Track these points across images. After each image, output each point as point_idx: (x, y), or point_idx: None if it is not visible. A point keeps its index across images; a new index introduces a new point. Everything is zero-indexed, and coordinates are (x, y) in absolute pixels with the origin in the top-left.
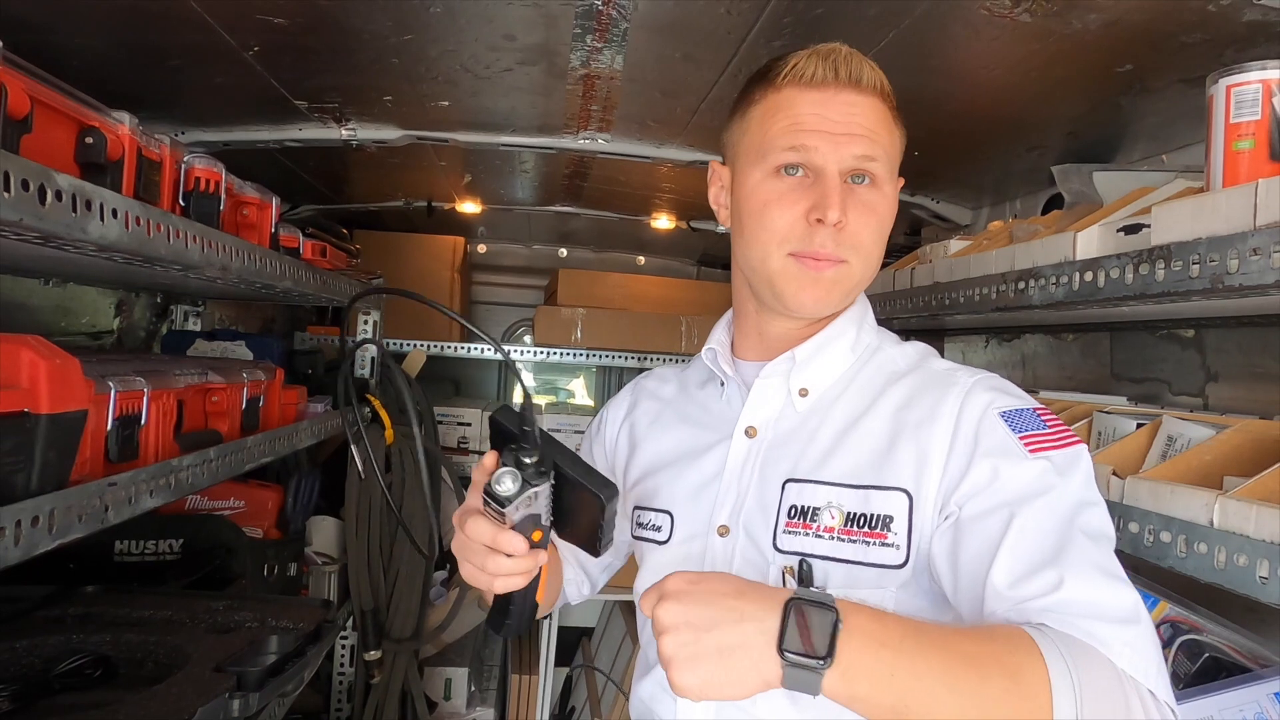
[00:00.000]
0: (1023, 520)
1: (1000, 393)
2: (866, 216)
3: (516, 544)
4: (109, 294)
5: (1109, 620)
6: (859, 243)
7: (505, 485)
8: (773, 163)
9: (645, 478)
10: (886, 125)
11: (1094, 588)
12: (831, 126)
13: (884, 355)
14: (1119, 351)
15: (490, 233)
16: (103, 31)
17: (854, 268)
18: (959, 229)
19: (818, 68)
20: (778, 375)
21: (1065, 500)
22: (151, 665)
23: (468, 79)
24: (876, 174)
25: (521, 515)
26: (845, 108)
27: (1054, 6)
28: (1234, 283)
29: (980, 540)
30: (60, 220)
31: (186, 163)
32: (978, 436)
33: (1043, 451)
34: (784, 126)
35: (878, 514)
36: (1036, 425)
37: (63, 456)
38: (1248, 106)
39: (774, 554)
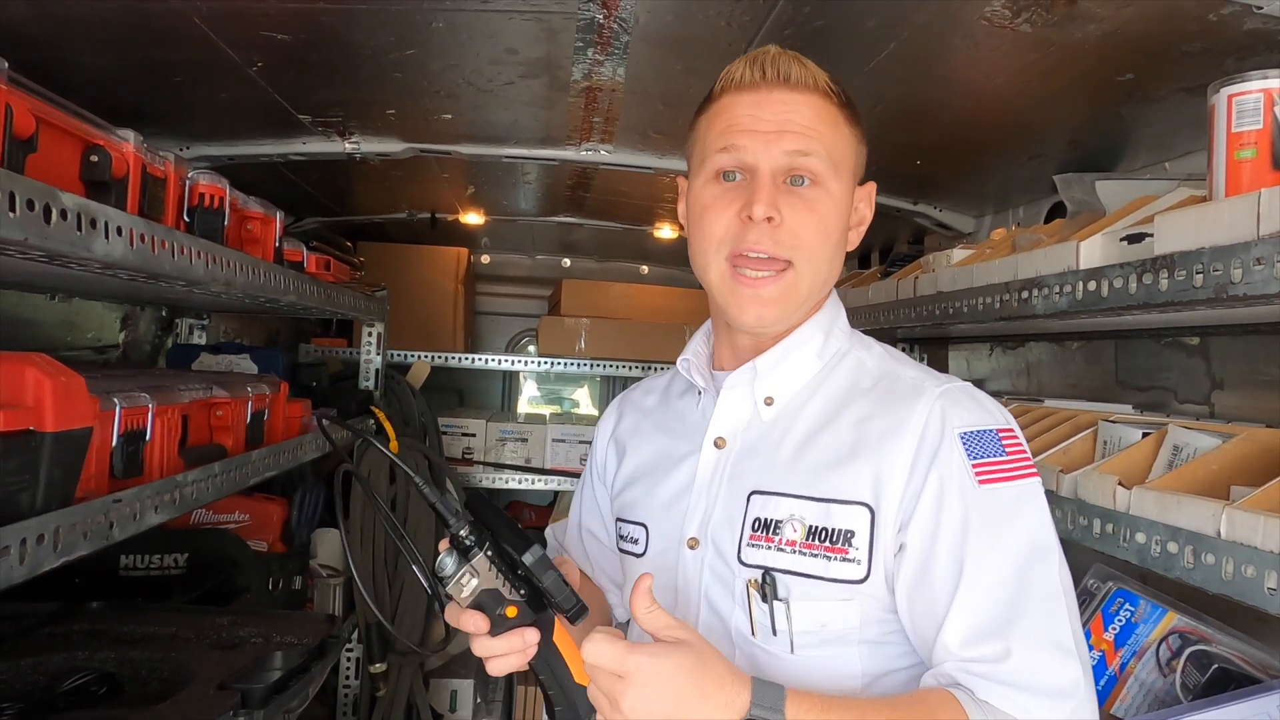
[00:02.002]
0: (972, 575)
1: (965, 408)
2: (804, 214)
3: (473, 622)
4: (114, 308)
5: (1046, 694)
6: (798, 242)
7: (444, 565)
8: (711, 168)
9: (624, 490)
10: (828, 123)
11: (1036, 664)
12: (763, 125)
13: (852, 359)
14: (1124, 359)
15: (494, 243)
16: (108, 49)
17: (799, 271)
18: (962, 237)
19: (746, 70)
20: (742, 384)
21: (1016, 552)
22: (156, 683)
23: (470, 92)
24: (815, 170)
25: (474, 592)
26: (778, 106)
27: (1054, 17)
28: (1238, 292)
29: (933, 591)
30: (65, 239)
31: (191, 179)
32: (935, 458)
33: (992, 483)
34: (720, 130)
35: (839, 529)
36: (995, 451)
37: (68, 474)
38: (1249, 115)
39: (739, 567)
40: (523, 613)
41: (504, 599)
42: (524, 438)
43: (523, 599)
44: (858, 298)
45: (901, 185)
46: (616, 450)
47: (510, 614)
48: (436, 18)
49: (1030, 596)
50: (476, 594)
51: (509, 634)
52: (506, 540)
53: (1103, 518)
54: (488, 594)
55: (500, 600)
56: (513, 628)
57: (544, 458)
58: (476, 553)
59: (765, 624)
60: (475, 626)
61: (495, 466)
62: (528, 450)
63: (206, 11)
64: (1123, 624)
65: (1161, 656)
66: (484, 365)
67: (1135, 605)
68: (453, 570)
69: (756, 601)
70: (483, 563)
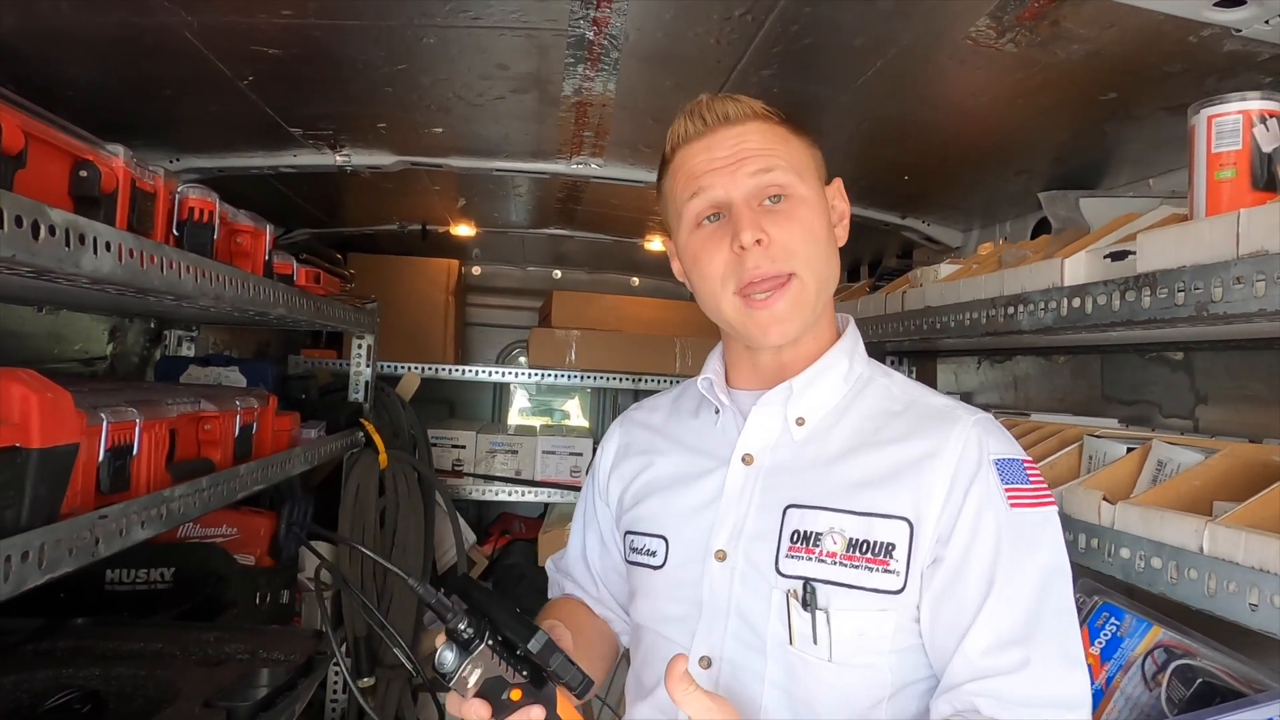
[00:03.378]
0: (1000, 590)
1: (997, 438)
2: (789, 226)
3: (475, 711)
4: (102, 320)
5: (1055, 706)
6: (792, 253)
7: (444, 660)
8: (689, 217)
9: (638, 503)
10: (777, 139)
11: (1051, 675)
12: (721, 162)
13: (877, 386)
14: (1110, 374)
15: (485, 255)
16: (98, 63)
17: (803, 279)
18: (950, 251)
19: (687, 124)
20: (775, 404)
21: (1039, 572)
22: (141, 700)
23: (461, 106)
24: (783, 183)
25: (479, 680)
26: (728, 141)
27: (1037, 37)
28: (1218, 310)
29: (961, 601)
30: (53, 255)
31: (180, 193)
32: (974, 480)
33: (1022, 507)
34: (683, 182)
35: (880, 541)
36: (1021, 479)
37: (53, 490)
38: (1228, 136)
39: (776, 578)
40: (527, 693)
41: (507, 684)
42: (514, 449)
43: (525, 679)
44: (847, 311)
45: (890, 200)
46: (622, 469)
47: (515, 697)
48: (427, 33)
49: (1048, 612)
50: (481, 684)
51: (515, 715)
52: (508, 627)
53: (1087, 533)
54: (491, 682)
55: (504, 685)
56: (518, 709)
57: (534, 469)
58: (479, 645)
59: (805, 632)
60: (479, 716)
61: (485, 478)
62: (518, 462)
63: (198, 26)
64: (1109, 638)
65: (1147, 670)
66: (474, 377)
67: (1121, 619)
68: (454, 666)
69: (797, 610)
70: (487, 653)
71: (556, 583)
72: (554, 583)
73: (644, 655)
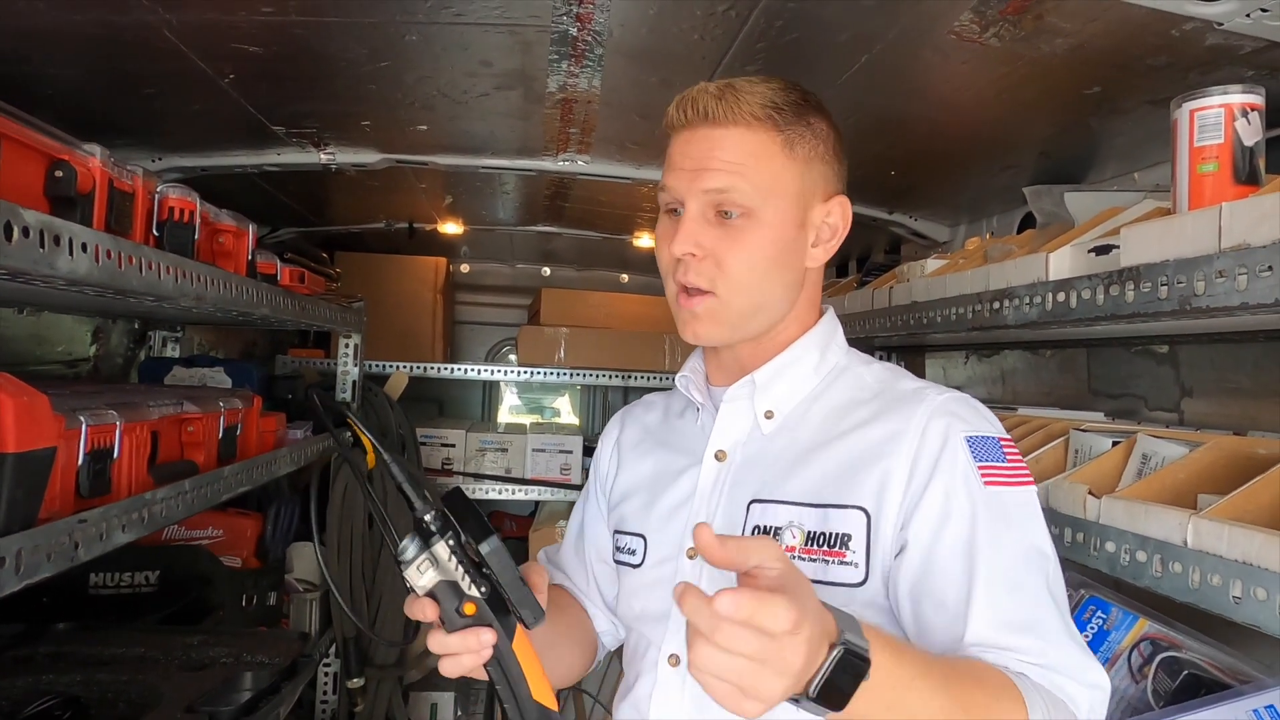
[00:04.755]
0: (989, 570)
1: (967, 416)
2: (728, 246)
3: (422, 610)
4: (85, 322)
5: (1081, 684)
6: (720, 273)
7: (405, 550)
8: (662, 204)
9: (622, 502)
10: (757, 153)
11: (1070, 656)
12: (688, 164)
13: (852, 374)
14: (1096, 367)
15: (473, 252)
16: (77, 61)
17: (724, 299)
18: (937, 246)
19: (674, 113)
20: (741, 399)
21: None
22: (123, 706)
23: (445, 104)
24: (742, 204)
25: (432, 580)
26: (702, 144)
27: (1021, 31)
28: (1201, 304)
29: (943, 583)
30: (27, 257)
31: (160, 193)
32: (939, 458)
33: (998, 485)
34: (665, 168)
35: (836, 533)
36: (997, 457)
37: (31, 495)
38: (1210, 130)
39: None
40: (481, 612)
41: (463, 594)
42: (504, 448)
43: (483, 597)
44: (835, 307)
45: (877, 195)
46: (618, 462)
47: (468, 611)
48: (410, 30)
49: (1048, 596)
50: (434, 584)
51: (464, 631)
52: (470, 531)
53: (1073, 526)
54: (445, 586)
55: (459, 594)
56: (468, 626)
57: (524, 468)
58: (437, 540)
59: None
60: (424, 615)
61: (475, 477)
62: (508, 460)
63: (177, 24)
64: (1095, 631)
65: (1134, 663)
66: (463, 375)
67: (1107, 612)
68: (413, 556)
69: None
70: (442, 551)
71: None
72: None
73: (628, 655)
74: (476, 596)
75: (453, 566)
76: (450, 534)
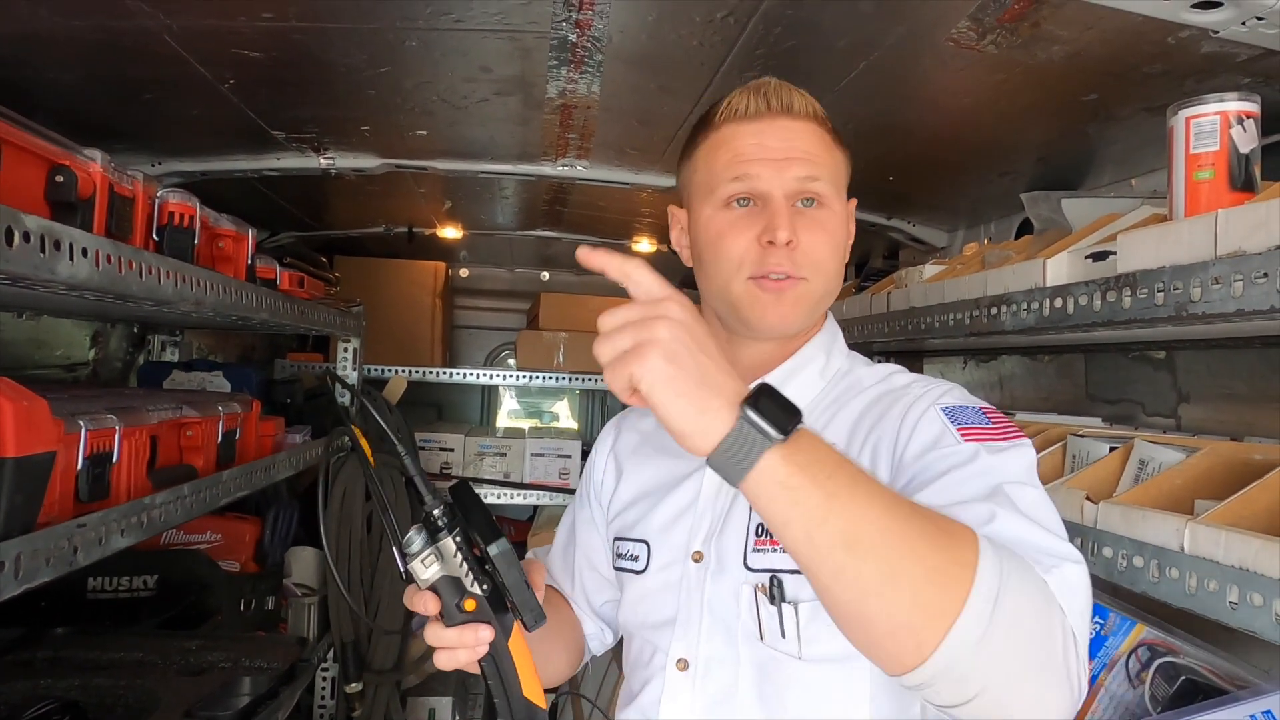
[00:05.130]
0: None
1: (952, 396)
2: (817, 234)
3: (423, 603)
4: (84, 326)
5: (1044, 553)
6: (814, 260)
7: (412, 542)
8: (721, 196)
9: (625, 510)
10: (825, 147)
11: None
12: (771, 154)
13: (854, 377)
14: (1093, 373)
15: (472, 257)
16: (77, 66)
17: (813, 285)
18: (935, 251)
19: (750, 101)
20: None
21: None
22: (121, 710)
23: (445, 109)
24: (821, 194)
25: (436, 575)
26: (782, 134)
27: (1018, 39)
28: (1198, 310)
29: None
30: (28, 261)
31: (160, 197)
32: (915, 430)
33: (978, 441)
34: (727, 160)
35: None
36: (978, 420)
37: (30, 499)
38: (1206, 137)
39: (744, 573)
40: (481, 609)
41: (465, 590)
42: (503, 452)
43: (484, 595)
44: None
45: (876, 201)
46: (615, 468)
47: (468, 607)
48: (410, 36)
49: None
50: (437, 578)
51: (462, 626)
52: (478, 529)
53: (1071, 532)
54: (448, 580)
55: (460, 590)
56: (468, 621)
57: (523, 472)
58: (444, 536)
59: (774, 627)
60: (425, 607)
61: (474, 481)
62: (507, 465)
63: (177, 29)
64: (1093, 636)
65: (1131, 669)
66: (462, 380)
67: (1105, 618)
68: (418, 549)
69: (765, 605)
70: (449, 547)
71: None
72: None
73: (632, 661)
74: (478, 594)
75: (458, 563)
76: (458, 530)
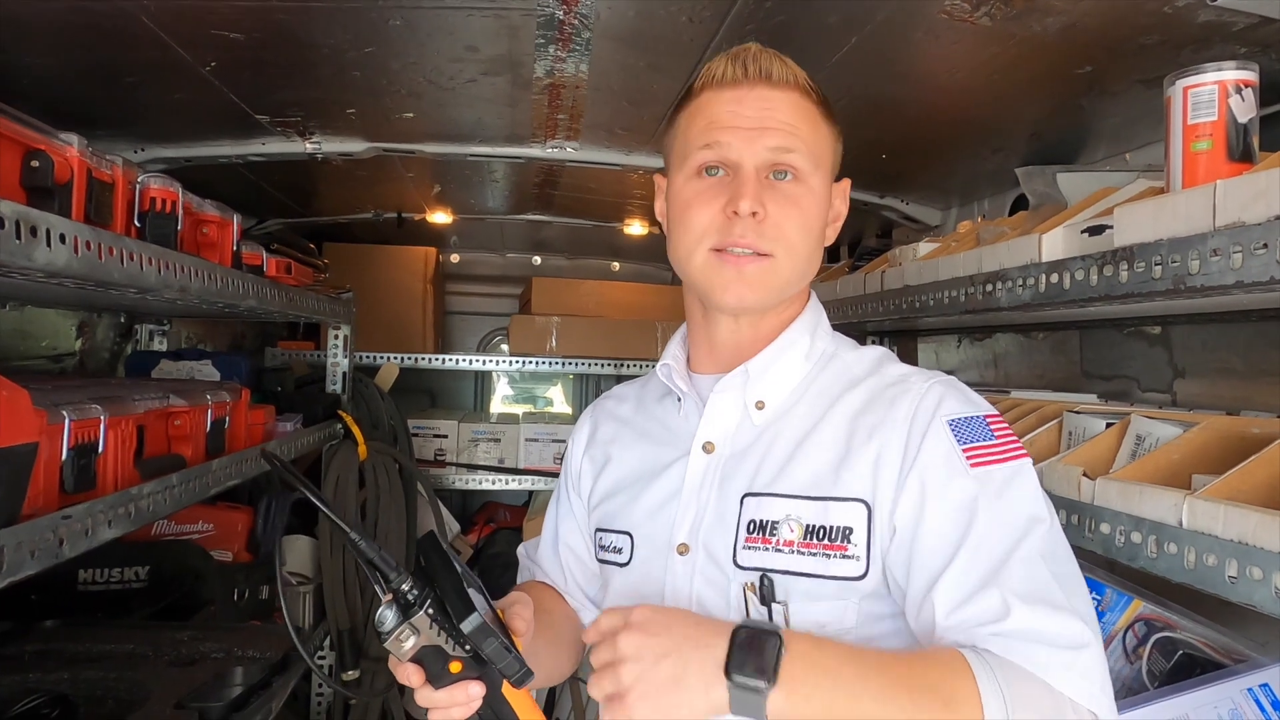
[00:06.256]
0: (970, 545)
1: (953, 398)
2: (787, 209)
3: (407, 675)
4: (70, 316)
5: (1052, 646)
6: (781, 235)
7: (384, 619)
8: (693, 164)
9: (606, 500)
10: (808, 119)
11: (1038, 617)
12: (745, 122)
13: (840, 362)
14: (1089, 349)
15: (462, 242)
16: (55, 51)
17: (779, 262)
18: (929, 229)
19: (727, 68)
20: (733, 389)
21: (1010, 523)
22: (112, 703)
23: (432, 90)
24: (796, 166)
25: (415, 646)
26: (759, 103)
27: (1012, 10)
28: (1195, 283)
29: (925, 563)
30: (4, 248)
31: (141, 183)
32: (923, 445)
33: (985, 465)
34: (701, 127)
35: (837, 526)
36: (984, 436)
37: (12, 491)
38: (1204, 108)
39: (734, 570)
40: (468, 667)
41: (447, 655)
42: (497, 438)
43: (468, 654)
44: (827, 292)
45: (868, 179)
46: (593, 461)
47: (454, 669)
48: (394, 15)
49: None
50: (417, 650)
51: (452, 686)
52: (450, 600)
53: (1068, 508)
54: (429, 650)
55: (443, 655)
56: (456, 681)
57: (518, 457)
58: (416, 610)
59: None
60: (410, 680)
61: (468, 468)
62: (501, 450)
63: (155, 10)
64: None
65: (1128, 644)
66: (455, 366)
67: (1102, 594)
68: (392, 626)
69: (755, 605)
70: (424, 621)
71: (526, 568)
72: (524, 568)
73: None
74: (462, 655)
75: (435, 633)
76: (430, 602)
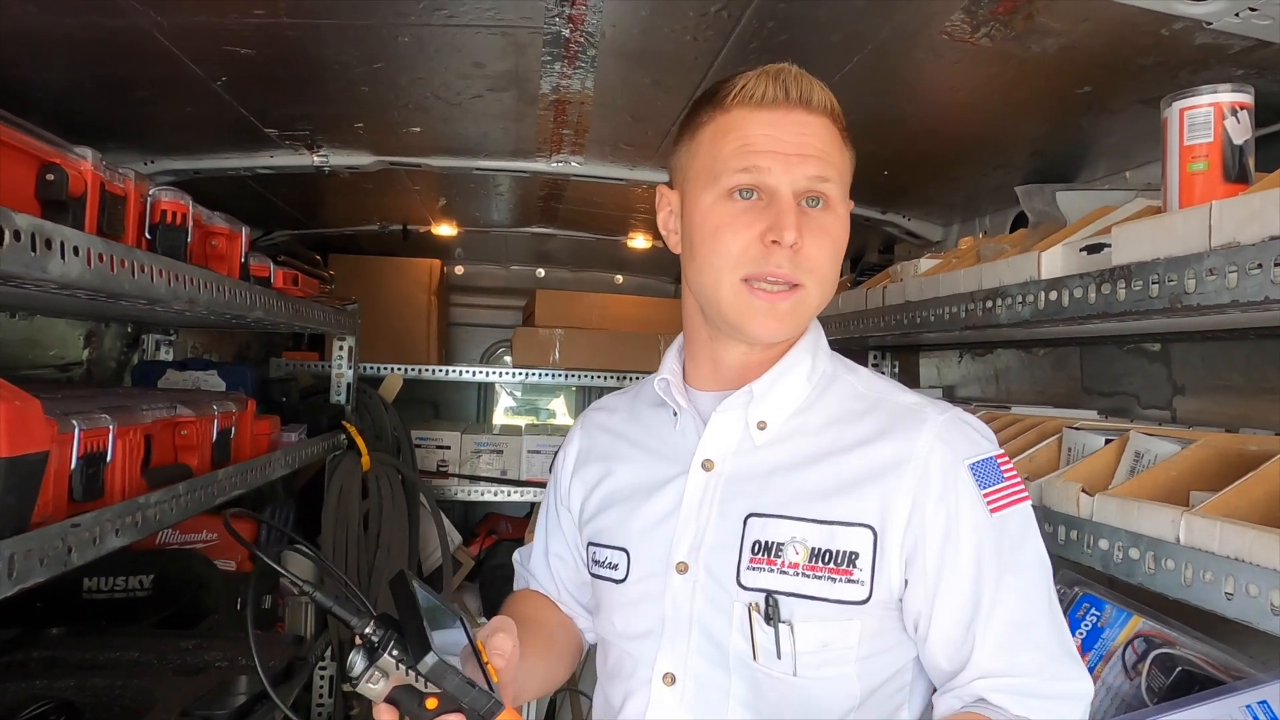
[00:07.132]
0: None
1: (969, 438)
2: (821, 239)
3: (382, 716)
4: (78, 325)
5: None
6: (814, 266)
7: (354, 664)
8: (725, 185)
9: (599, 513)
10: (838, 146)
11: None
12: (784, 147)
13: (843, 384)
14: (1089, 365)
15: (467, 254)
16: (69, 65)
17: (810, 292)
18: (931, 245)
19: (768, 88)
20: (736, 409)
21: (1031, 569)
22: (117, 710)
23: (439, 106)
24: (830, 195)
25: (387, 688)
26: (797, 128)
27: (1012, 31)
28: (1192, 302)
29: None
30: (19, 260)
31: (153, 195)
32: (945, 491)
33: (1001, 510)
34: (735, 148)
35: (843, 550)
36: (997, 478)
37: (23, 500)
38: (1200, 129)
39: (738, 590)
40: (445, 700)
41: (421, 693)
42: (500, 449)
43: (441, 690)
44: (829, 307)
45: (871, 195)
46: (584, 475)
47: (430, 706)
48: (402, 32)
49: (1044, 609)
50: (390, 691)
51: None
52: (411, 640)
53: (1067, 524)
54: (402, 690)
55: (417, 693)
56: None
57: (520, 469)
58: (381, 653)
59: (769, 647)
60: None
61: (471, 479)
62: (504, 462)
63: (168, 27)
64: (1089, 628)
65: (1127, 660)
66: (458, 377)
67: (1101, 610)
68: (360, 671)
69: (760, 625)
70: (389, 663)
71: (521, 577)
72: (519, 576)
73: (610, 671)
74: (435, 691)
75: (403, 673)
76: (394, 643)
